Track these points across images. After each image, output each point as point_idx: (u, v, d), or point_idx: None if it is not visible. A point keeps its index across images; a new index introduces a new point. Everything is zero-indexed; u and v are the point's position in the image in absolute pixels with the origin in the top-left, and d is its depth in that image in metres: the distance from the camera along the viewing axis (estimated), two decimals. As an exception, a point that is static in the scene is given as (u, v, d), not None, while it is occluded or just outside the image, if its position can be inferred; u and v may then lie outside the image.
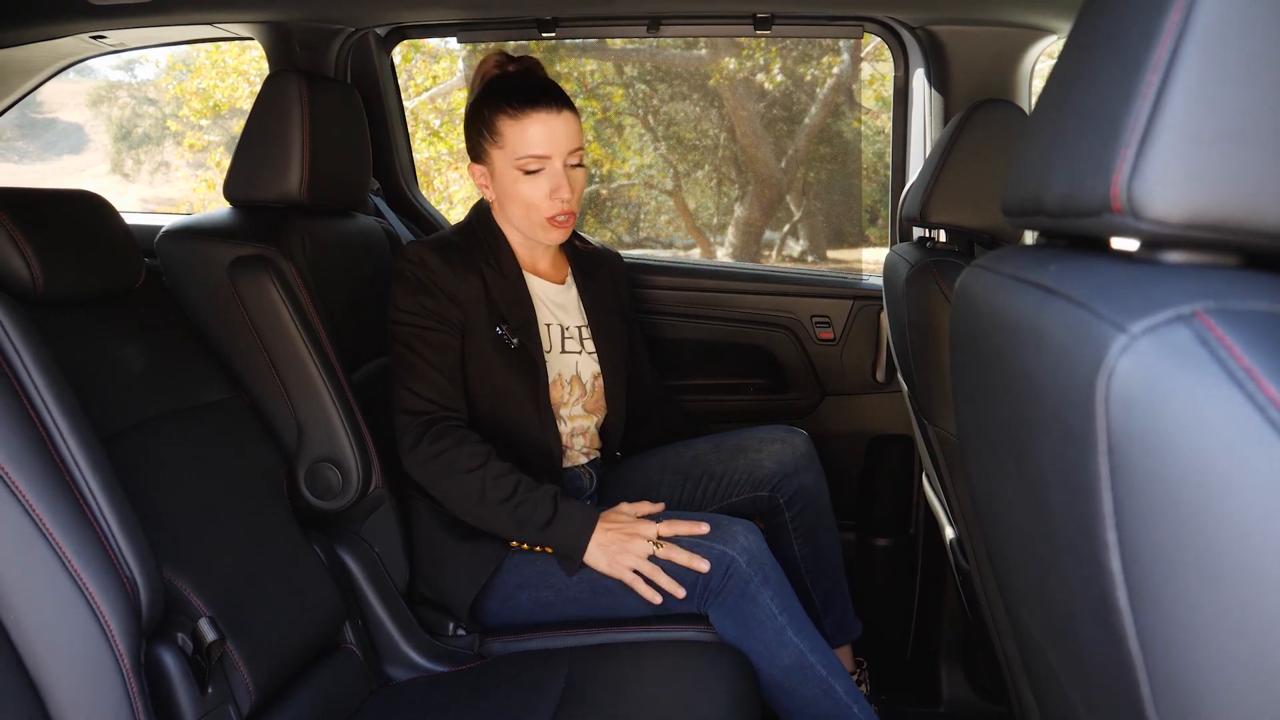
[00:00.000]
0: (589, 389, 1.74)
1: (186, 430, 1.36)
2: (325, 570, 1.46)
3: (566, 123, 1.61)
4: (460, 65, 8.72)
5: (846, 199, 9.73)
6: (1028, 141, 0.63)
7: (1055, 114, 0.58)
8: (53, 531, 0.99)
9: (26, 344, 1.03)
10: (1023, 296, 0.53)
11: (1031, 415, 0.51)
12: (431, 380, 1.56)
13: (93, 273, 1.30)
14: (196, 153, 9.87)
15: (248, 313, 1.51)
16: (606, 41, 8.48)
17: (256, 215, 1.63)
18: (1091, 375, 0.43)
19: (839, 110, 8.89)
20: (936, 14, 1.78)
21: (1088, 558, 0.45)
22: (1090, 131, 0.51)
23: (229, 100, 8.86)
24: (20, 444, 0.99)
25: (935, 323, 1.38)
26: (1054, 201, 0.54)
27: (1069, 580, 0.49)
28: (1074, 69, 0.58)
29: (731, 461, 1.75)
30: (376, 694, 1.47)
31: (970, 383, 0.67)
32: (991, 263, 0.64)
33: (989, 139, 1.45)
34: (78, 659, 0.98)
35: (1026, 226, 0.65)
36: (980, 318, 0.61)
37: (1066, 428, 0.45)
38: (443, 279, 1.59)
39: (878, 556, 2.14)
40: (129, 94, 12.62)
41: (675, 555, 1.48)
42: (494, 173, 1.63)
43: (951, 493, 1.42)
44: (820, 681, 1.49)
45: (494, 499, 1.50)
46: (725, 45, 8.16)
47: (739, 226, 9.08)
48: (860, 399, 2.12)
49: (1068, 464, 0.46)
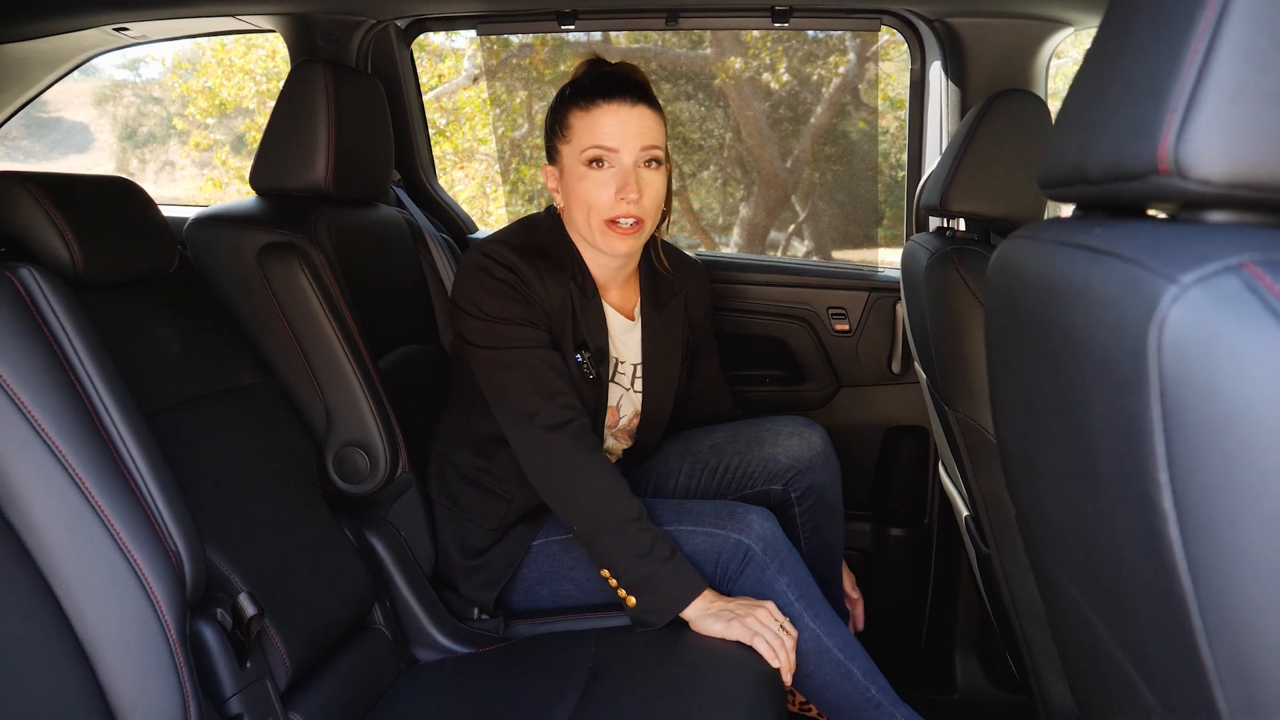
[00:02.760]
0: (623, 422, 1.72)
1: (220, 412, 1.38)
2: (355, 552, 1.49)
3: (642, 117, 1.50)
4: (465, 64, 8.75)
5: (852, 199, 9.74)
6: (1067, 115, 0.65)
7: (1096, 85, 0.60)
8: (101, 505, 1.01)
9: (72, 320, 1.06)
10: (1070, 259, 0.55)
11: (1080, 370, 0.53)
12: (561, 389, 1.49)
13: (129, 255, 1.32)
14: (202, 151, 9.90)
15: (277, 299, 1.53)
16: (611, 40, 8.50)
17: (283, 203, 1.65)
18: (1143, 325, 0.45)
19: (845, 110, 8.91)
20: (954, 7, 1.81)
21: (1139, 500, 0.47)
22: (1135, 99, 0.53)
23: (235, 99, 8.90)
24: (69, 418, 1.01)
25: (956, 309, 1.40)
26: (1098, 168, 0.56)
27: (1117, 527, 0.51)
28: (1115, 41, 0.60)
29: (747, 454, 1.75)
30: (405, 674, 1.49)
31: (1010, 350, 0.69)
32: (1033, 232, 0.66)
33: (1009, 129, 1.47)
34: (127, 630, 1.00)
35: (1064, 197, 0.67)
36: (1024, 284, 0.63)
37: (1117, 377, 0.48)
38: (534, 289, 1.52)
39: (892, 546, 2.16)
40: (134, 93, 12.65)
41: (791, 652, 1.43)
42: (562, 171, 1.55)
43: (972, 478, 1.44)
44: (838, 664, 1.51)
45: (617, 514, 1.44)
46: (731, 45, 8.18)
47: (744, 227, 9.09)
48: (876, 390, 2.14)
49: (1118, 412, 0.48)
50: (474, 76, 9.00)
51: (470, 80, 8.84)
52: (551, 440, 1.47)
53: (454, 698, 1.40)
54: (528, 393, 1.48)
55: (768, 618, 1.43)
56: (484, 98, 8.71)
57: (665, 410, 1.74)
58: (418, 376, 1.80)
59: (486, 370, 1.51)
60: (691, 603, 1.44)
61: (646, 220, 1.52)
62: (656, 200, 1.53)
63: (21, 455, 0.98)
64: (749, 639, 1.41)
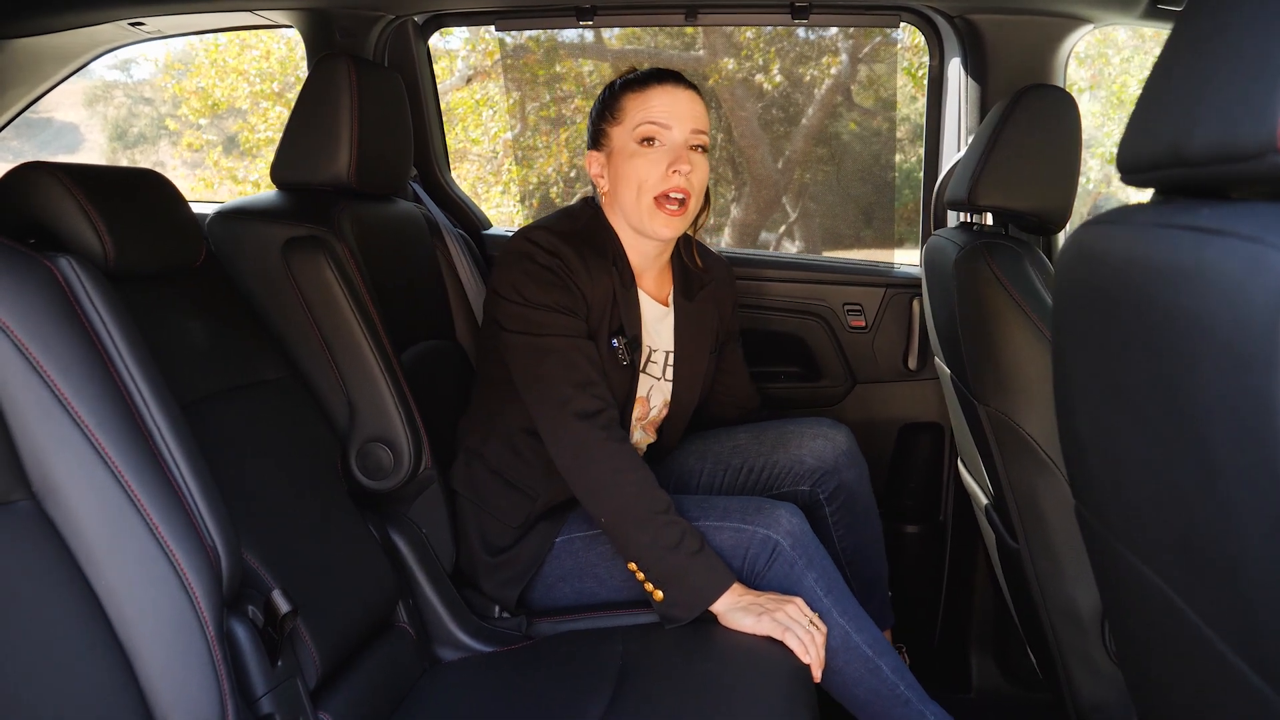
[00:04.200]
0: (653, 413, 1.72)
1: (246, 407, 1.37)
2: (380, 549, 1.47)
3: (693, 101, 1.56)
4: (459, 64, 8.74)
5: (843, 200, 9.77)
6: (1153, 99, 0.64)
7: (1189, 68, 0.60)
8: (141, 499, 0.99)
9: (111, 311, 1.04)
10: (1175, 240, 0.55)
11: (1190, 350, 0.52)
12: (594, 380, 1.49)
13: (159, 247, 1.30)
14: (194, 152, 9.84)
15: (302, 293, 1.52)
16: (604, 41, 8.52)
17: (306, 197, 1.64)
18: (1275, 301, 0.44)
19: (836, 111, 8.93)
20: (975, 3, 1.81)
21: (1268, 479, 0.46)
22: (1242, 80, 0.52)
23: (228, 100, 8.85)
24: (108, 410, 0.99)
25: (988, 303, 1.40)
26: (1200, 149, 0.56)
27: (1236, 507, 0.50)
28: (1207, 23, 0.59)
29: (772, 454, 1.74)
30: (429, 673, 1.48)
31: (1090, 337, 0.69)
32: (1117, 217, 0.66)
33: (1038, 123, 1.47)
34: (166, 627, 0.99)
35: (1148, 182, 0.67)
36: (1112, 269, 0.63)
37: (1241, 355, 0.47)
38: (578, 275, 1.53)
39: (907, 543, 2.16)
40: (125, 94, 12.58)
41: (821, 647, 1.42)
42: (611, 153, 1.58)
43: (1003, 473, 1.44)
44: (866, 660, 1.50)
45: (646, 506, 1.43)
46: (724, 46, 8.19)
47: (735, 227, 9.10)
48: (891, 386, 2.14)
49: (1240, 390, 0.48)
50: (467, 77, 8.99)
51: (464, 81, 8.82)
52: (582, 429, 1.46)
53: (484, 697, 1.38)
54: (561, 380, 1.47)
55: (798, 613, 1.42)
56: (477, 98, 8.69)
57: (693, 402, 1.75)
58: (436, 372, 1.78)
59: (521, 356, 1.51)
60: (720, 596, 1.43)
61: (692, 199, 1.56)
62: (703, 182, 1.58)
63: (61, 447, 0.96)
64: (780, 634, 1.40)
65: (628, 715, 1.24)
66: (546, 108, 8.60)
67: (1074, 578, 1.39)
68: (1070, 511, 1.37)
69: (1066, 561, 1.39)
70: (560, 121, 8.56)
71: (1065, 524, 1.38)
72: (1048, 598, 1.43)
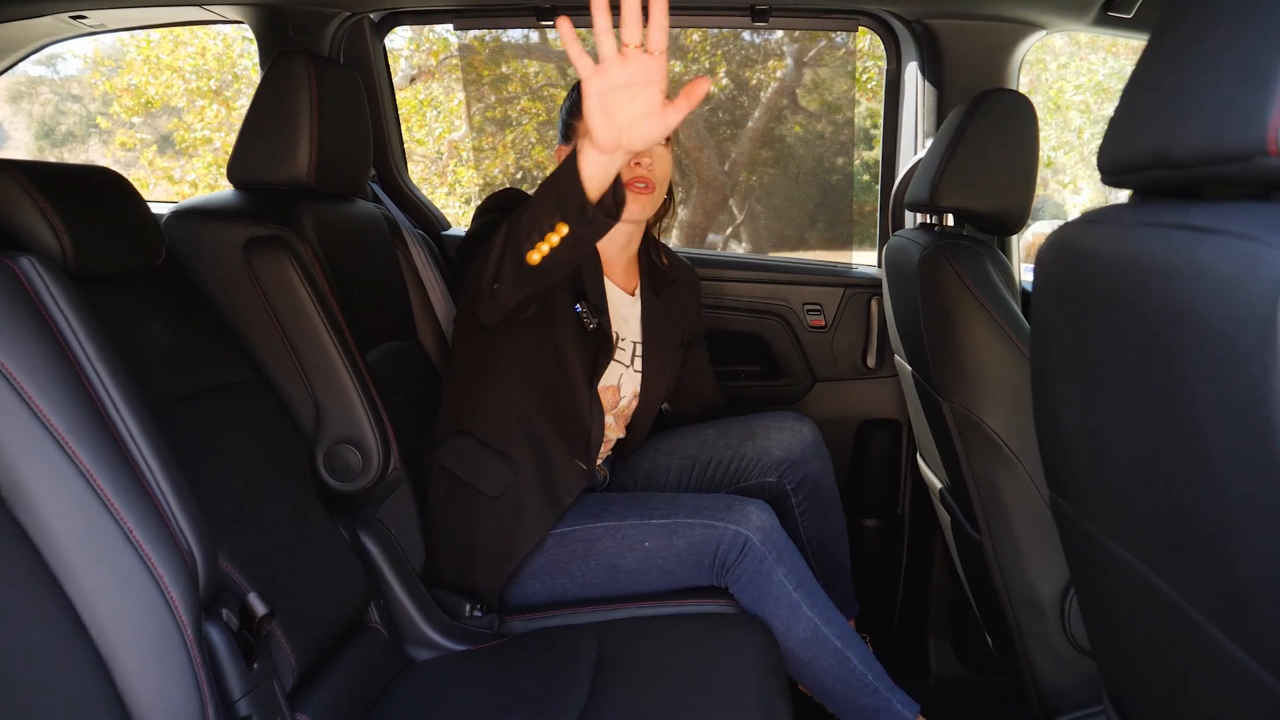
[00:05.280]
0: (623, 402, 1.75)
1: (213, 409, 1.34)
2: (351, 550, 1.46)
3: None
4: (402, 64, 8.63)
5: (789, 202, 9.88)
6: (1136, 104, 0.67)
7: (1173, 74, 0.62)
8: (114, 502, 0.97)
9: (75, 311, 1.02)
10: (1166, 238, 0.57)
11: (1183, 343, 0.55)
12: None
13: (118, 247, 1.27)
14: (128, 151, 9.57)
15: (265, 293, 1.49)
16: (550, 43, 8.49)
17: (265, 197, 1.61)
18: (1271, 296, 0.47)
19: (781, 115, 9.04)
20: (932, 8, 1.85)
21: (1262, 467, 0.49)
22: (1229, 85, 0.55)
23: (162, 97, 8.64)
24: (77, 413, 0.97)
25: (951, 302, 1.44)
26: (1187, 151, 0.58)
27: (1228, 496, 0.53)
28: (1188, 31, 0.62)
29: (739, 448, 1.78)
30: (402, 672, 1.47)
31: (1075, 332, 0.71)
32: (1104, 216, 0.68)
33: (996, 126, 1.51)
34: (144, 631, 0.97)
35: (1130, 183, 0.70)
36: (1102, 266, 0.65)
37: (1237, 347, 0.50)
38: None
39: (867, 536, 2.20)
40: (51, 90, 12.20)
41: None
42: None
43: (966, 466, 1.48)
44: (835, 652, 1.53)
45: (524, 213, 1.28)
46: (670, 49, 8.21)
47: (682, 229, 9.15)
48: (850, 384, 2.18)
49: (1236, 381, 0.50)
50: (410, 77, 8.89)
51: (407, 81, 8.72)
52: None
53: (462, 694, 1.38)
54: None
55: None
56: (421, 99, 8.60)
57: (660, 395, 1.79)
58: (401, 373, 1.77)
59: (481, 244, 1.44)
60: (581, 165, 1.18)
61: (657, 187, 1.62)
62: (666, 173, 1.64)
63: (30, 451, 0.94)
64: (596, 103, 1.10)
65: (609, 707, 1.25)
66: (492, 108, 8.55)
67: (1034, 566, 1.43)
68: (1031, 502, 1.42)
69: (1027, 550, 1.43)
70: (506, 122, 8.52)
71: (1026, 514, 1.42)
72: (1009, 586, 1.47)
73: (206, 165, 8.47)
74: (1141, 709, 0.84)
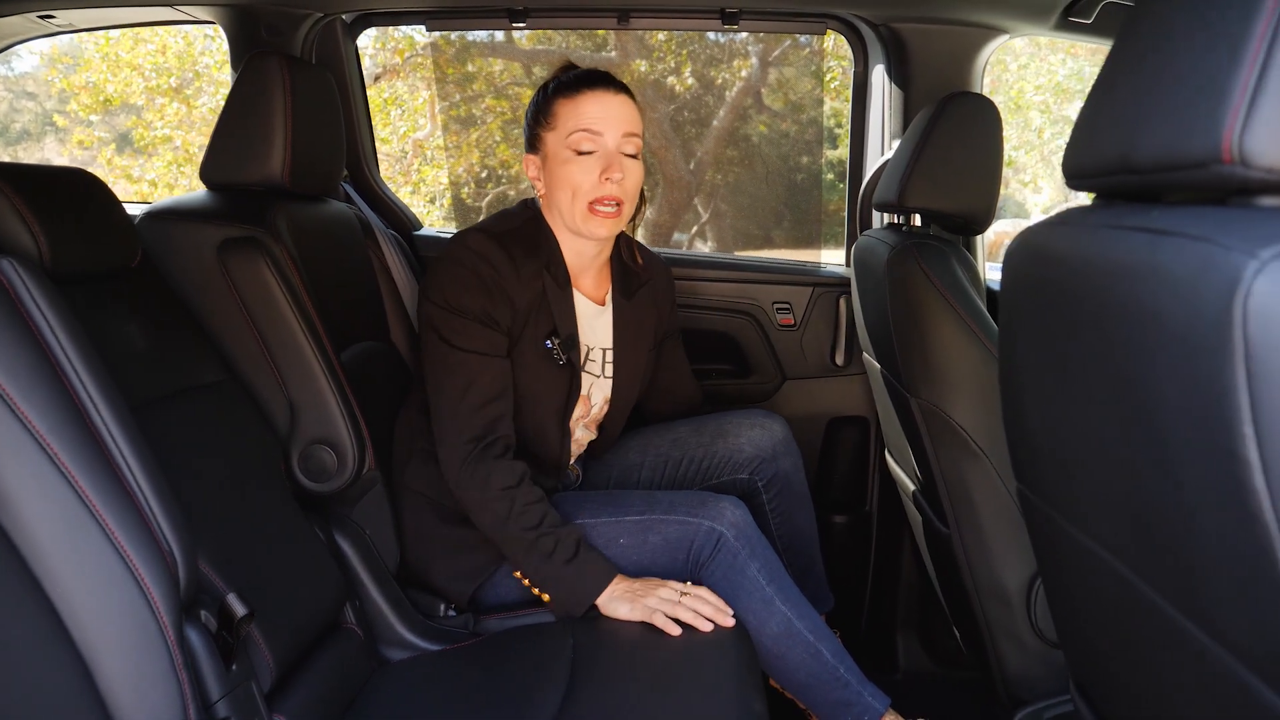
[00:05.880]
0: (595, 409, 1.75)
1: (189, 410, 1.34)
2: (326, 551, 1.46)
3: (624, 105, 1.58)
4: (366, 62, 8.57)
5: (753, 201, 9.94)
6: (1099, 111, 0.70)
7: (1133, 83, 0.66)
8: (95, 503, 0.97)
9: (55, 313, 1.02)
10: (1128, 241, 0.60)
11: (1144, 341, 0.58)
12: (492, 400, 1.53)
13: (95, 248, 1.27)
14: (85, 150, 9.41)
15: (240, 294, 1.49)
16: (515, 41, 8.48)
17: (239, 198, 1.61)
18: (1226, 296, 0.50)
19: (746, 114, 9.09)
20: (898, 12, 1.89)
21: (1218, 455, 0.52)
22: (1187, 96, 0.58)
23: (121, 95, 8.50)
24: (58, 414, 0.97)
25: (919, 300, 1.47)
26: (1147, 158, 0.61)
27: (1188, 483, 0.56)
28: (1149, 43, 0.65)
29: (711, 445, 1.80)
30: (378, 672, 1.47)
31: (1041, 329, 0.74)
32: (1068, 218, 0.71)
33: (961, 128, 1.55)
34: (125, 633, 0.97)
35: (1093, 187, 0.73)
36: (1066, 266, 0.68)
37: (1195, 345, 0.53)
38: (506, 279, 1.55)
39: (836, 532, 2.23)
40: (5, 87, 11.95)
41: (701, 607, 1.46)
42: (546, 157, 1.60)
43: (934, 462, 1.51)
44: (808, 646, 1.56)
45: (518, 524, 1.49)
46: (636, 48, 8.25)
47: (648, 228, 9.17)
48: (819, 382, 2.21)
49: (1194, 376, 0.53)
50: (374, 75, 8.83)
51: (371, 79, 8.66)
52: (464, 450, 1.52)
53: (437, 694, 1.39)
54: (458, 399, 1.53)
55: (668, 593, 1.47)
56: (385, 97, 8.55)
57: (632, 398, 1.79)
58: (374, 374, 1.77)
59: (432, 361, 1.56)
60: (600, 594, 1.49)
61: (626, 203, 1.60)
62: (636, 185, 1.61)
63: (11, 453, 0.94)
64: (648, 617, 1.45)
65: (585, 705, 1.26)
66: (457, 107, 8.52)
67: (1002, 559, 1.47)
68: (998, 496, 1.45)
69: (995, 544, 1.47)
70: (470, 121, 8.49)
71: (994, 508, 1.46)
72: (977, 579, 1.51)
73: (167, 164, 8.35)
74: (1107, 695, 0.88)
